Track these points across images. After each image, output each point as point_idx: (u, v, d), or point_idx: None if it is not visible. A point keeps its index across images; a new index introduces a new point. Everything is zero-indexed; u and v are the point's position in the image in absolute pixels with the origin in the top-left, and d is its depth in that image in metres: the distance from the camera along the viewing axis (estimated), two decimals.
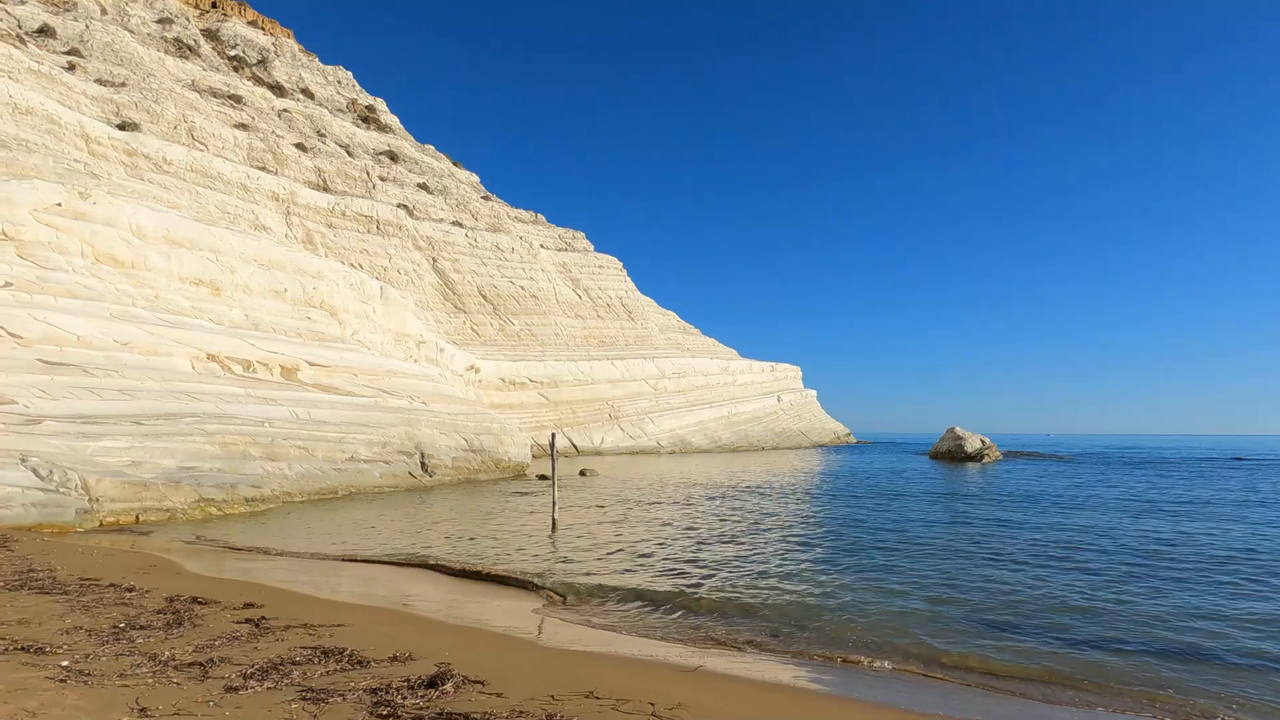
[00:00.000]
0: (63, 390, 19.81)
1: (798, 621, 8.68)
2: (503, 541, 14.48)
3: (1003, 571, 11.85)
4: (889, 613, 9.11)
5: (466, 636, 6.99)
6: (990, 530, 17.02)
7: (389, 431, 27.67)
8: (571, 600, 9.63)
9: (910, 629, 8.39)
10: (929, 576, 11.35)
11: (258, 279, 30.47)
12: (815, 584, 10.73)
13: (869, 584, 10.76)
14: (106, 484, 16.85)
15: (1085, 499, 25.21)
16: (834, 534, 16.35)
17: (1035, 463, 53.22)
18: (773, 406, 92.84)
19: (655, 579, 11.08)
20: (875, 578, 11.23)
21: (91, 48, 49.84)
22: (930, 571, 11.79)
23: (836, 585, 10.64)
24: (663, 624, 8.54)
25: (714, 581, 10.94)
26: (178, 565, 10.48)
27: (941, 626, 8.54)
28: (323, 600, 8.41)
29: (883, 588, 10.52)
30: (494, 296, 64.87)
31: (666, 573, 11.60)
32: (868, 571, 11.74)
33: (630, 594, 10.09)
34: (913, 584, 10.78)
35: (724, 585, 10.67)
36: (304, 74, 71.54)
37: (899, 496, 26.24)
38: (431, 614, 8.12)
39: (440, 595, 9.75)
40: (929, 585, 10.70)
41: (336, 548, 13.74)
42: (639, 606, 9.37)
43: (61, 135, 39.04)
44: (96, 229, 25.70)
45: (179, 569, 10.16)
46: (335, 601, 8.41)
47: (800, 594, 10.09)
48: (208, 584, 8.95)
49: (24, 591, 7.78)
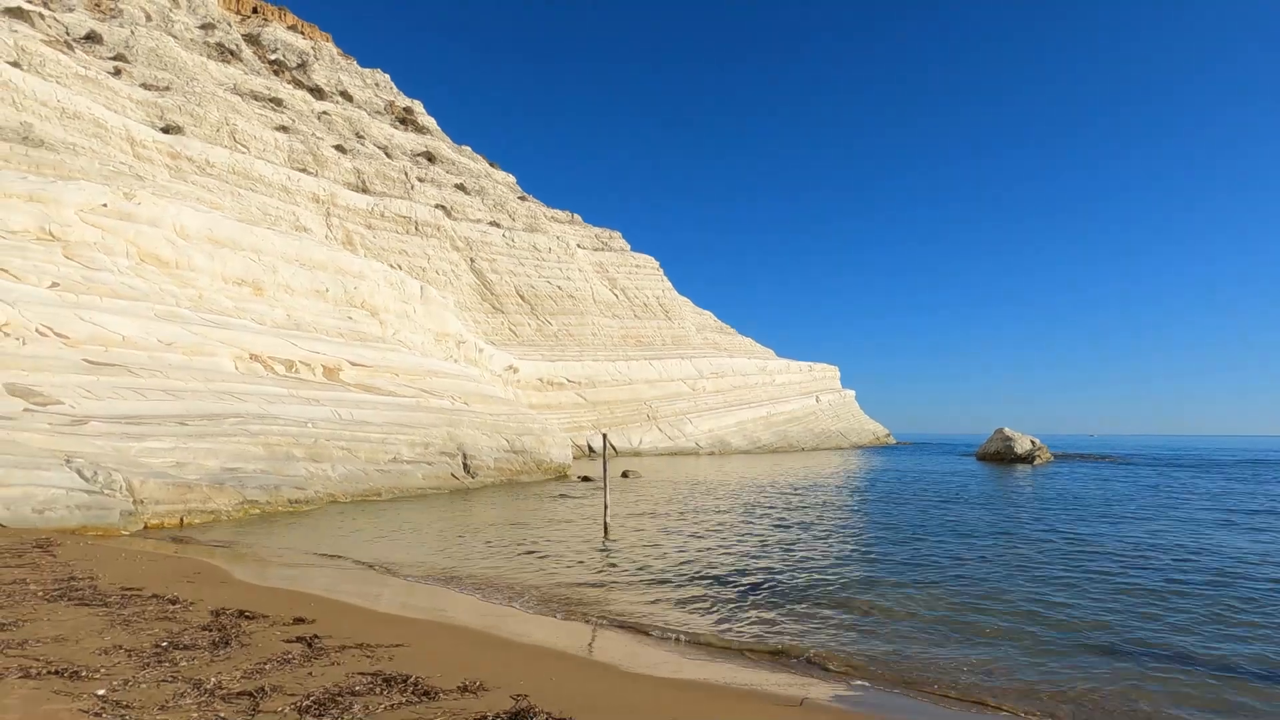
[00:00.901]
0: (108, 390, 19.63)
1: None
2: (555, 554, 13.76)
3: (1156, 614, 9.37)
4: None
5: (540, 660, 6.31)
6: (1086, 549, 14.69)
7: (431, 432, 27.25)
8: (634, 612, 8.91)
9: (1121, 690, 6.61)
10: (1064, 610, 9.38)
11: (299, 279, 30.29)
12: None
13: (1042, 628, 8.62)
14: (151, 486, 16.54)
15: (1165, 506, 23.78)
16: (950, 556, 14.14)
17: (1090, 465, 51.31)
18: (811, 407, 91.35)
19: (741, 601, 10.31)
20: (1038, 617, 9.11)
21: (136, 53, 50.46)
22: (1053, 600, 9.92)
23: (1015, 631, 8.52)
24: (741, 643, 7.79)
25: (773, 585, 10.16)
26: (223, 572, 9.96)
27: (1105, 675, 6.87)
28: (377, 615, 7.78)
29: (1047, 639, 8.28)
30: (531, 296, 64.53)
31: (748, 591, 10.80)
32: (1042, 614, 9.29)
33: (704, 606, 9.35)
34: (1070, 629, 8.63)
35: (783, 590, 9.88)
36: (343, 77, 71.96)
37: (966, 503, 25.11)
38: (491, 628, 7.47)
39: (486, 606, 9.11)
40: (1078, 627, 8.62)
41: (393, 555, 13.20)
42: (721, 626, 8.61)
43: (108, 139, 39.44)
44: (141, 229, 25.65)
45: (224, 576, 9.64)
46: (390, 616, 7.78)
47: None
48: (254, 594, 8.39)
49: (63, 602, 7.27)
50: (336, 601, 8.34)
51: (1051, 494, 27.48)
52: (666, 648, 7.41)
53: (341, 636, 6.46)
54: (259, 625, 6.73)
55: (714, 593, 10.15)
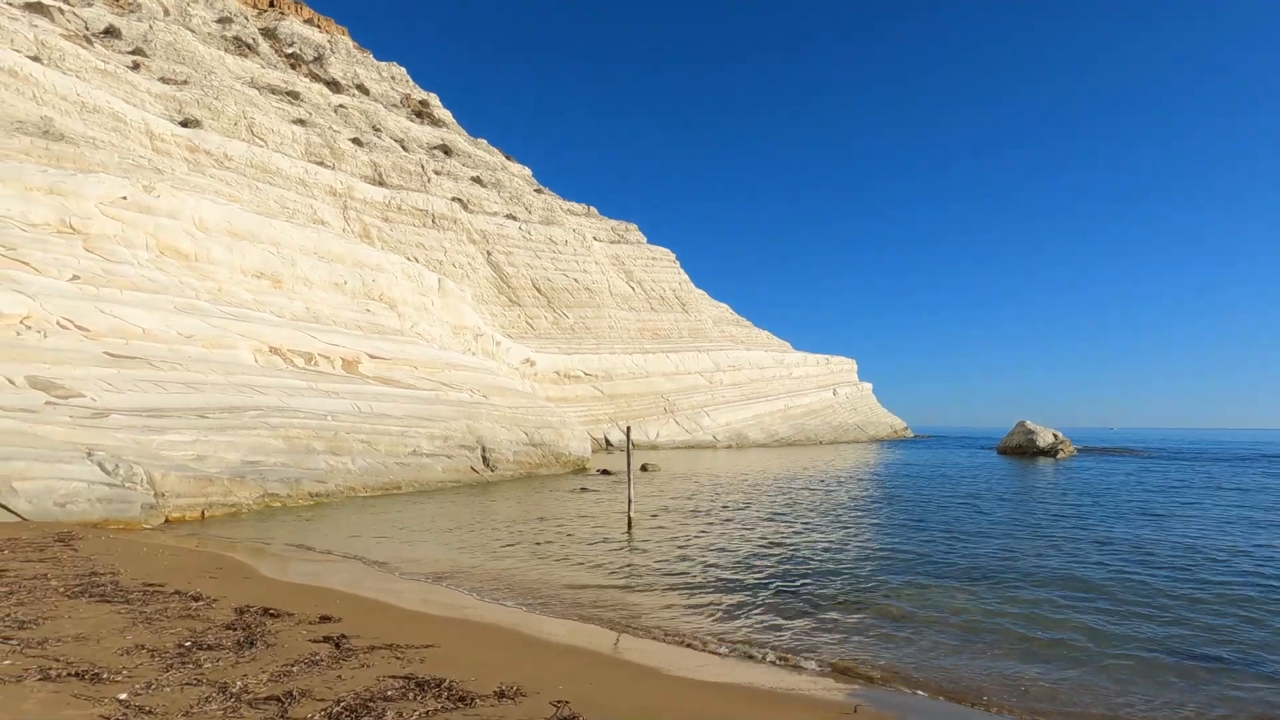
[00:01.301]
0: (128, 383, 19.56)
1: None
2: (580, 550, 13.48)
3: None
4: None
5: (576, 662, 6.04)
6: (1132, 550, 14.09)
7: (450, 425, 27.09)
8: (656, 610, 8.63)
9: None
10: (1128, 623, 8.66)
11: (318, 271, 30.19)
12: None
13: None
14: (172, 479, 16.45)
15: (1203, 504, 23.18)
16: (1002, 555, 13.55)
17: (1115, 459, 50.52)
18: (829, 400, 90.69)
19: (779, 600, 10.00)
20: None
21: (155, 47, 50.58)
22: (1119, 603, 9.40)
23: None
24: (783, 646, 7.49)
25: (779, 579, 9.85)
26: (246, 567, 9.77)
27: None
28: (405, 612, 7.54)
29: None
30: (548, 289, 64.30)
31: (784, 592, 10.49)
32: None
33: (738, 606, 9.06)
34: (1137, 642, 7.89)
35: (795, 584, 9.56)
36: (359, 70, 71.94)
37: (997, 499, 24.67)
38: (521, 627, 7.21)
39: (513, 603, 8.86)
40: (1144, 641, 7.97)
41: (416, 550, 13.00)
42: (759, 628, 8.31)
43: (127, 132, 39.51)
44: (161, 222, 25.59)
45: (247, 571, 9.44)
46: (418, 614, 7.53)
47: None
48: (278, 591, 8.18)
49: (84, 599, 7.08)
50: (362, 598, 8.10)
51: (1082, 490, 26.93)
52: (704, 650, 7.12)
53: (369, 636, 6.22)
54: (284, 624, 6.51)
55: (749, 593, 9.84)
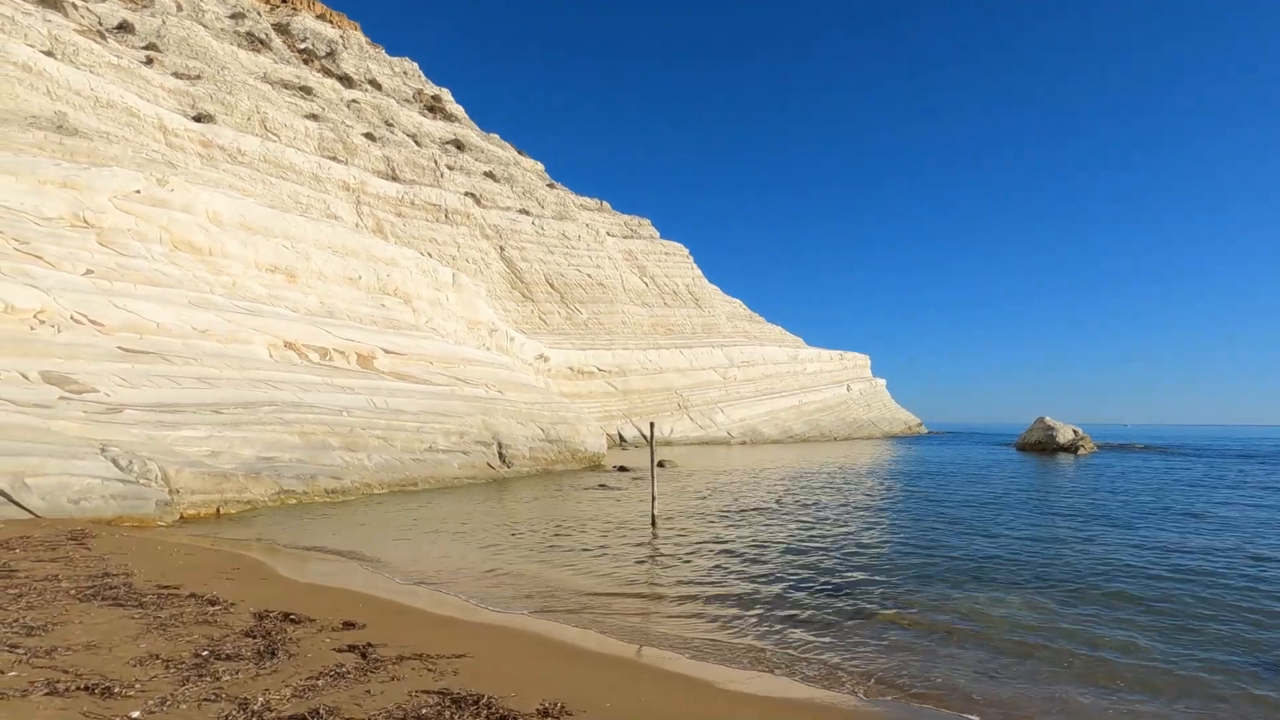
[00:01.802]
0: (142, 378, 19.31)
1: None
2: (607, 551, 13.07)
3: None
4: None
5: (620, 674, 5.65)
6: (1181, 556, 12.70)
7: (466, 421, 26.76)
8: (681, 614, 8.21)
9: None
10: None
11: (332, 266, 29.92)
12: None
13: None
14: (187, 475, 16.16)
15: (1245, 504, 22.58)
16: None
17: (1137, 456, 49.68)
18: (843, 396, 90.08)
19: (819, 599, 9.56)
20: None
21: (168, 42, 50.46)
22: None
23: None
24: (831, 662, 7.06)
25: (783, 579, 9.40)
26: (263, 567, 9.43)
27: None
28: (431, 617, 7.16)
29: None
30: (561, 285, 63.93)
31: (824, 598, 10.06)
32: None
33: (778, 615, 8.65)
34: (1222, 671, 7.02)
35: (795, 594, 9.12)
36: (371, 65, 71.71)
37: (1027, 498, 24.11)
38: (555, 635, 6.81)
39: (542, 608, 8.46)
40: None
41: (437, 549, 12.65)
42: (804, 639, 7.85)
43: (140, 127, 39.38)
44: (174, 216, 25.37)
45: (265, 572, 9.09)
46: (445, 619, 7.14)
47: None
48: (297, 593, 7.82)
49: (96, 602, 6.74)
50: (385, 601, 7.73)
51: (1114, 489, 26.26)
52: (750, 666, 6.69)
53: (397, 644, 5.83)
54: (306, 631, 6.14)
55: (787, 601, 9.36)
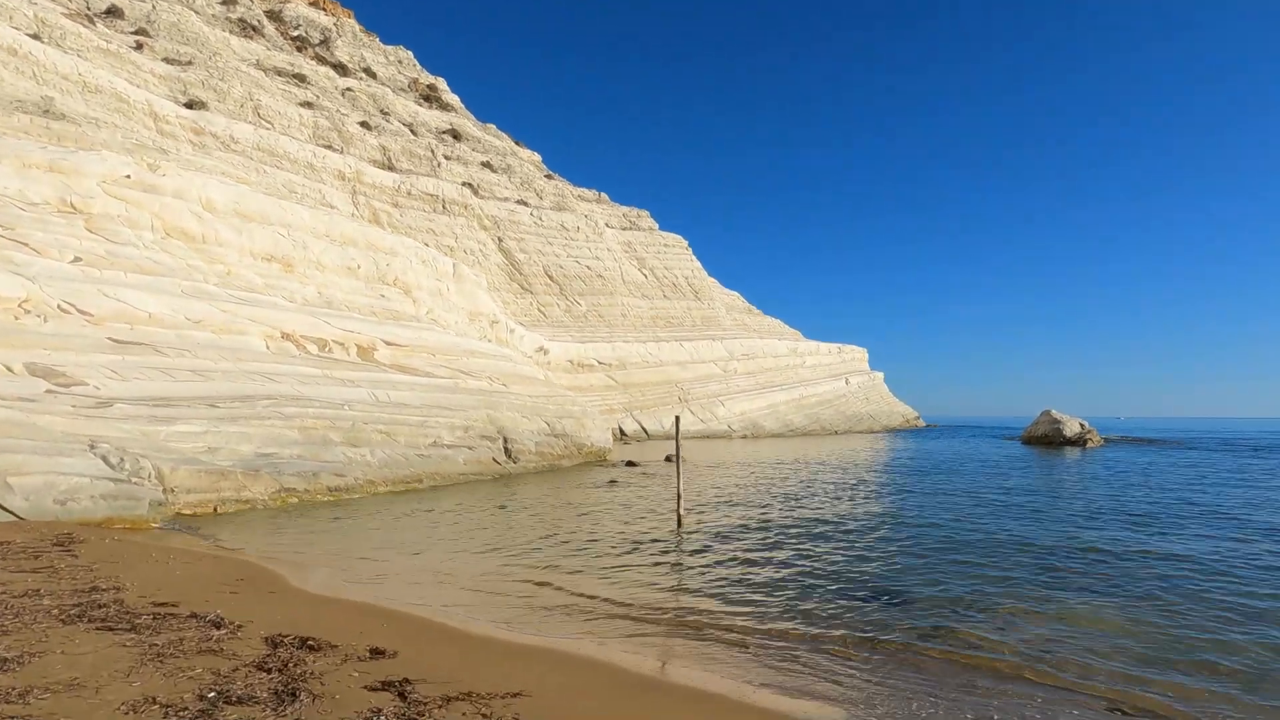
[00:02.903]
0: (134, 370, 18.35)
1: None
2: (636, 555, 12.15)
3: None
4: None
5: (712, 712, 4.79)
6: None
7: (471, 415, 25.85)
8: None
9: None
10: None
11: (330, 255, 28.93)
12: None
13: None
14: (182, 473, 15.24)
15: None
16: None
17: (1148, 450, 49.01)
18: (841, 389, 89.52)
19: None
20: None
21: (158, 28, 49.18)
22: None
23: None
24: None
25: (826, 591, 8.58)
26: (270, 575, 8.52)
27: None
28: (470, 639, 6.27)
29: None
30: (560, 277, 62.98)
31: (884, 607, 9.21)
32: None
33: (853, 630, 7.81)
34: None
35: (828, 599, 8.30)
36: (365, 54, 70.41)
37: (1054, 497, 23.32)
38: (617, 662, 5.94)
39: (588, 626, 7.59)
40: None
41: (455, 552, 11.77)
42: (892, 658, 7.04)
43: (130, 113, 38.20)
44: (166, 202, 24.34)
45: (273, 582, 8.19)
46: (487, 641, 6.25)
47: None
48: (313, 609, 6.93)
49: (82, 624, 5.85)
50: (414, 618, 6.83)
51: (1129, 484, 25.54)
52: (836, 700, 5.84)
53: (437, 679, 4.96)
54: (329, 661, 5.25)
55: (863, 619, 8.41)
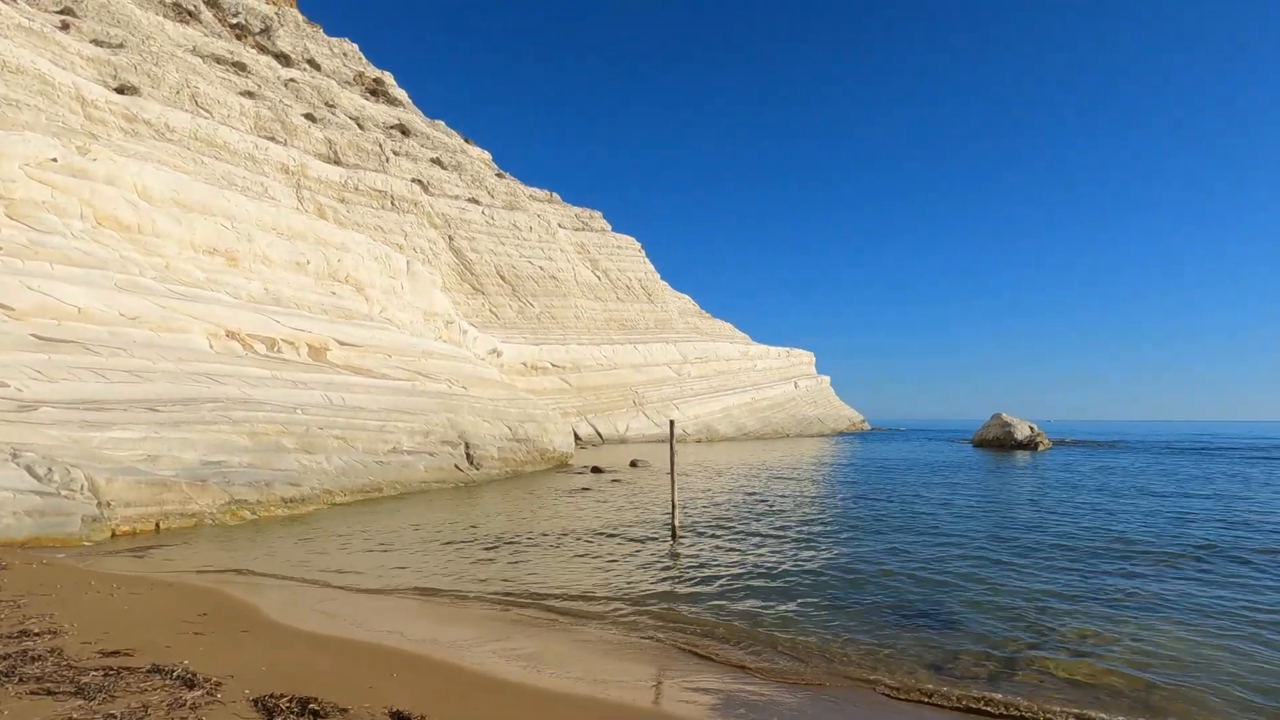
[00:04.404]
0: (62, 371, 16.60)
1: None
2: (635, 571, 11.22)
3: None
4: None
5: None
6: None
7: (431, 419, 24.47)
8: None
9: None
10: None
11: (277, 249, 27.18)
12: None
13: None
14: (119, 484, 13.67)
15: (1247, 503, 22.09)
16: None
17: (1096, 452, 50.10)
18: (791, 392, 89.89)
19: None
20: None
21: (85, 8, 46.15)
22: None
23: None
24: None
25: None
26: (240, 606, 7.26)
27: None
28: (512, 688, 5.20)
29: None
30: (513, 277, 61.48)
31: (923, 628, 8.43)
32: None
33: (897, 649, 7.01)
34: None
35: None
36: (309, 44, 67.75)
37: (1032, 502, 23.15)
38: (684, 714, 4.99)
39: (635, 669, 6.59)
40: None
41: (445, 573, 10.60)
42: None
43: (55, 97, 35.53)
44: (97, 188, 22.39)
45: (246, 615, 6.95)
46: (532, 691, 5.20)
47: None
48: (305, 653, 5.76)
49: (11, 686, 4.62)
50: (432, 663, 5.71)
51: (1117, 489, 25.61)
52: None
53: None
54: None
55: (921, 644, 7.74)
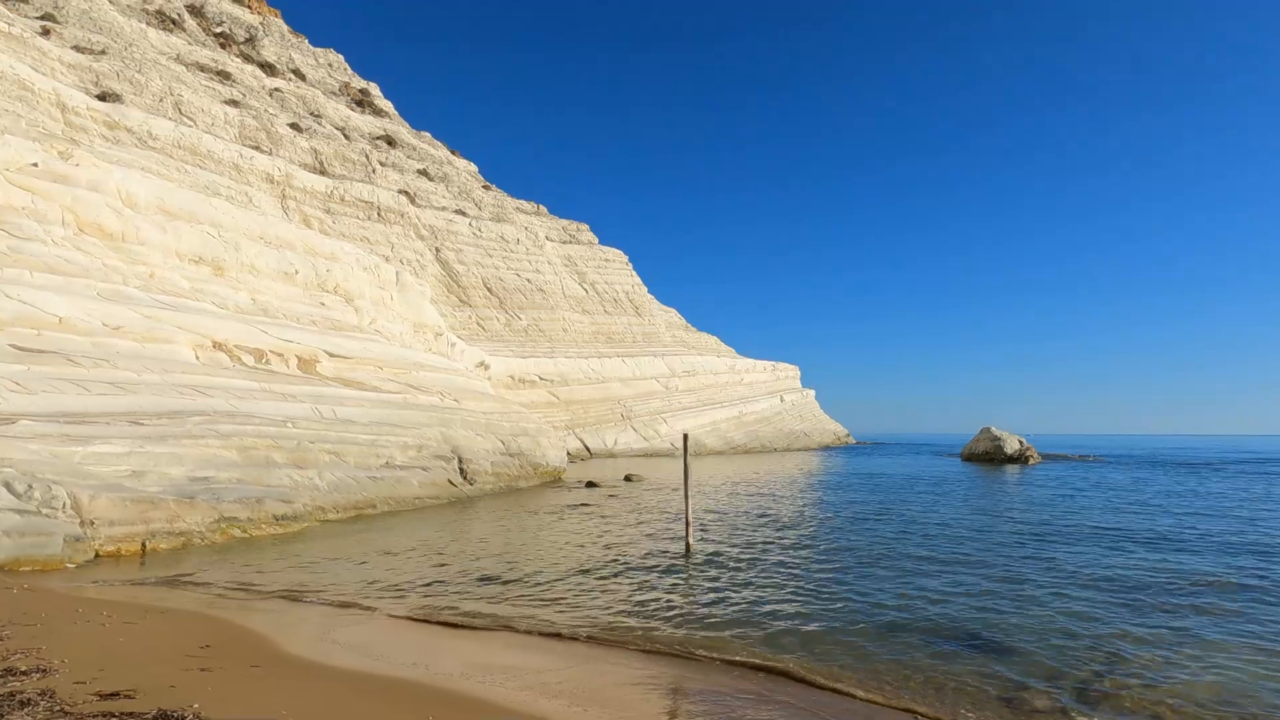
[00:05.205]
0: (42, 382, 15.88)
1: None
2: (662, 593, 10.66)
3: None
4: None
5: None
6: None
7: (424, 433, 23.83)
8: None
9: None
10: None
11: (265, 259, 26.50)
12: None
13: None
14: (103, 501, 12.97)
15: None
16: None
17: (1085, 466, 50.12)
18: (778, 406, 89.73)
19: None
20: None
21: (67, 14, 45.32)
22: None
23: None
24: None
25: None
26: (247, 636, 6.67)
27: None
28: None
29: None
30: (500, 290, 60.90)
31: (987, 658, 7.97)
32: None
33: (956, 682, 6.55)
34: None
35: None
36: (294, 55, 67.10)
37: (1042, 520, 22.87)
38: None
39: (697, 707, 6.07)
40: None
41: (468, 597, 10.03)
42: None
43: (34, 103, 34.69)
44: (80, 195, 21.67)
45: (255, 646, 6.37)
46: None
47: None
48: (333, 694, 5.20)
49: None
50: (468, 699, 5.19)
51: (1125, 504, 25.43)
52: None
53: None
54: None
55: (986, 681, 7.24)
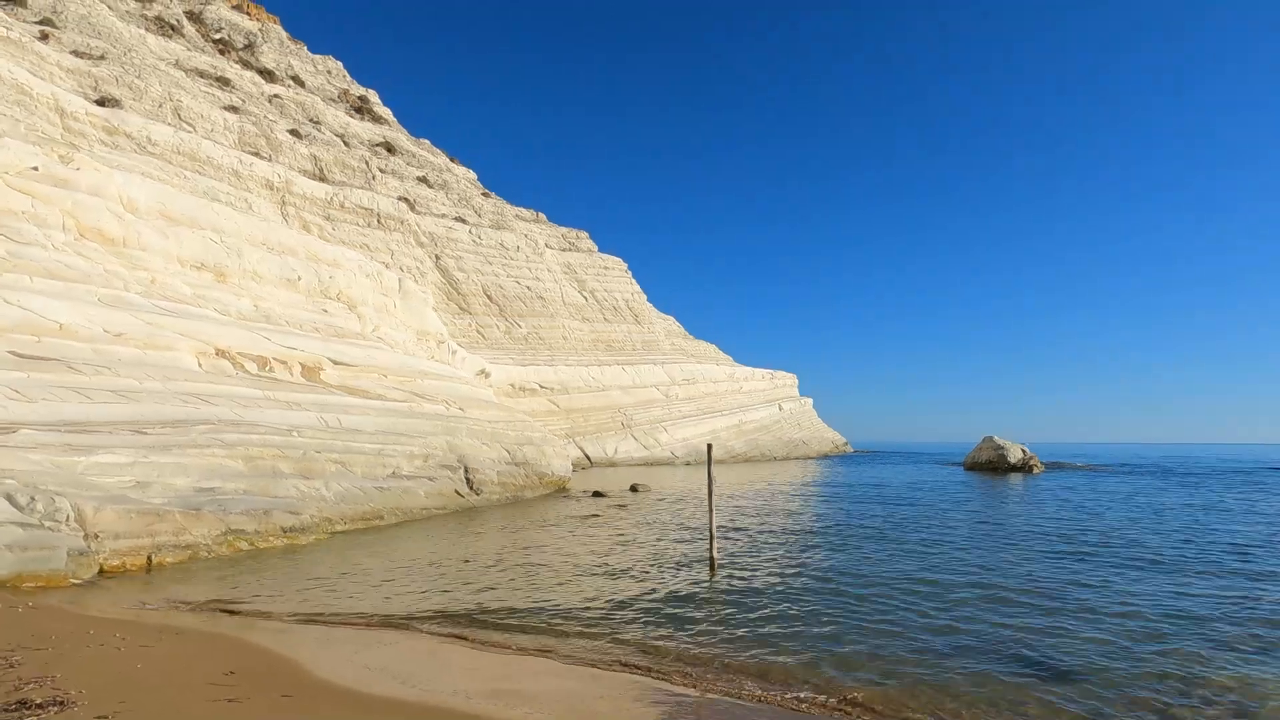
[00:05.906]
0: (42, 390, 15.46)
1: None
2: (703, 617, 10.29)
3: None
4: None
5: None
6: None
7: (430, 442, 23.43)
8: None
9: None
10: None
11: (268, 265, 26.12)
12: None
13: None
14: (108, 513, 12.55)
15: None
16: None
17: (1088, 475, 49.86)
18: (777, 415, 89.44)
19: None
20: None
21: (66, 19, 44.98)
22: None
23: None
24: None
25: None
26: (276, 661, 6.30)
27: None
28: None
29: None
30: (500, 297, 60.56)
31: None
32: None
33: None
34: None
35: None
36: (293, 61, 66.89)
37: (1060, 530, 22.52)
38: None
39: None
40: None
41: (502, 610, 9.62)
42: None
43: (33, 108, 34.27)
44: (80, 199, 21.30)
45: (285, 673, 5.98)
46: None
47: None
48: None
49: None
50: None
51: (1140, 516, 25.02)
52: None
53: None
54: None
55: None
